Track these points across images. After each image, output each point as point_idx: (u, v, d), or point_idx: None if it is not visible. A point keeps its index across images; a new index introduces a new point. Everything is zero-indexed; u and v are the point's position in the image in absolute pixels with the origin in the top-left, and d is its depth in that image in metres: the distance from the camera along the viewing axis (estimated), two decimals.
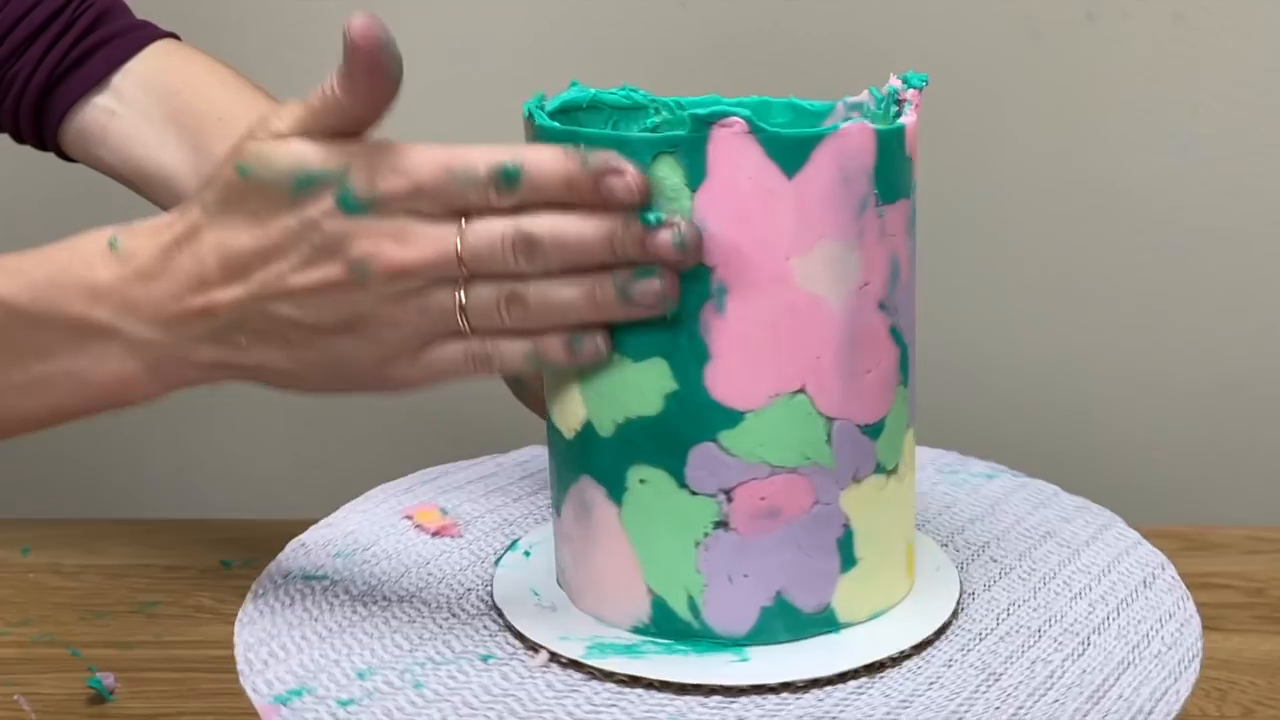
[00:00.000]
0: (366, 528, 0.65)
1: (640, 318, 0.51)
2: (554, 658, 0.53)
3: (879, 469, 0.54)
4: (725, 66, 1.02)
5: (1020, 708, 0.50)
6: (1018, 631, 0.55)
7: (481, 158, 0.51)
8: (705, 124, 0.50)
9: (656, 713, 0.50)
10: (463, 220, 0.51)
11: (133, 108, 0.77)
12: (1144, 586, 0.59)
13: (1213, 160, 1.02)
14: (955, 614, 0.56)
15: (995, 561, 0.61)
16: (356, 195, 0.51)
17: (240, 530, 0.87)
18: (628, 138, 0.51)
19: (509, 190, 0.51)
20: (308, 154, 0.51)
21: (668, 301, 0.51)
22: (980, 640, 0.55)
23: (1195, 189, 1.03)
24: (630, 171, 0.50)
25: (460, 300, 0.52)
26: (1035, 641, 0.54)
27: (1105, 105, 1.02)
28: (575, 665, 0.53)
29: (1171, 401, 1.06)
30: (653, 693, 0.51)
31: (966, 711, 0.50)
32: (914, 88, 0.56)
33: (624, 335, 0.52)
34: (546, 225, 0.51)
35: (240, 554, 0.83)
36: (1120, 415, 1.07)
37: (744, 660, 0.52)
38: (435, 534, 0.64)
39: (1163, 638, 0.55)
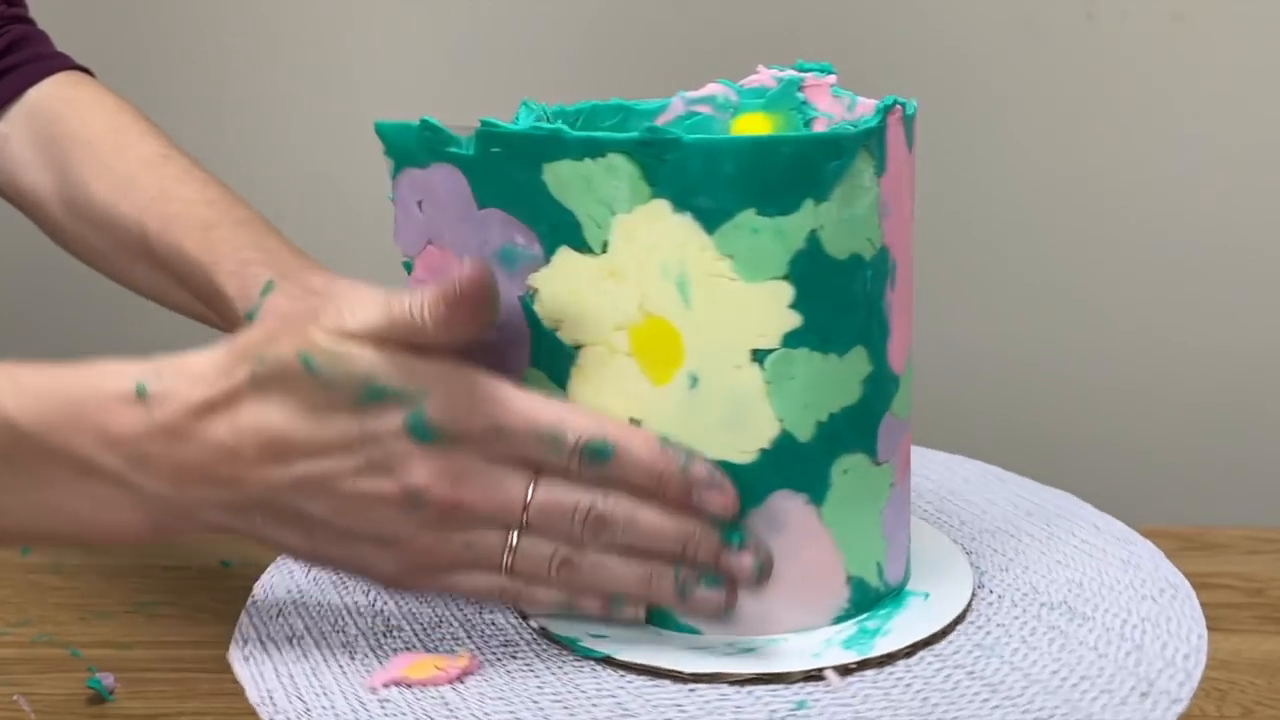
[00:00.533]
0: None
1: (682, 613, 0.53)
2: (838, 669, 0.52)
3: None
4: (725, 66, 1.02)
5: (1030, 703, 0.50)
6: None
7: (573, 427, 0.50)
8: (884, 113, 0.52)
9: (619, 693, 0.51)
10: (535, 473, 0.51)
11: (18, 131, 0.78)
12: (1155, 598, 0.58)
13: (1213, 160, 1.02)
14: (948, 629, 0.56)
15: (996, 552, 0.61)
16: (429, 423, 0.49)
17: None
18: (840, 135, 0.51)
19: (593, 466, 0.50)
20: (384, 368, 0.49)
21: (724, 615, 0.52)
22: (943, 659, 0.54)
23: (1195, 189, 1.03)
24: (729, 488, 0.51)
25: (511, 545, 0.51)
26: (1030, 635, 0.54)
27: (1105, 105, 1.02)
28: (862, 665, 0.52)
29: (1171, 402, 1.06)
30: (619, 674, 0.52)
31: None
32: (826, 73, 0.59)
33: (825, 335, 0.52)
34: (624, 510, 0.51)
35: (240, 554, 0.83)
36: (1120, 415, 1.07)
37: (929, 598, 0.56)
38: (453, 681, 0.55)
39: (1163, 637, 0.55)
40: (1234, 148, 1.02)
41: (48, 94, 0.79)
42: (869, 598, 0.55)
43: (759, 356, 0.51)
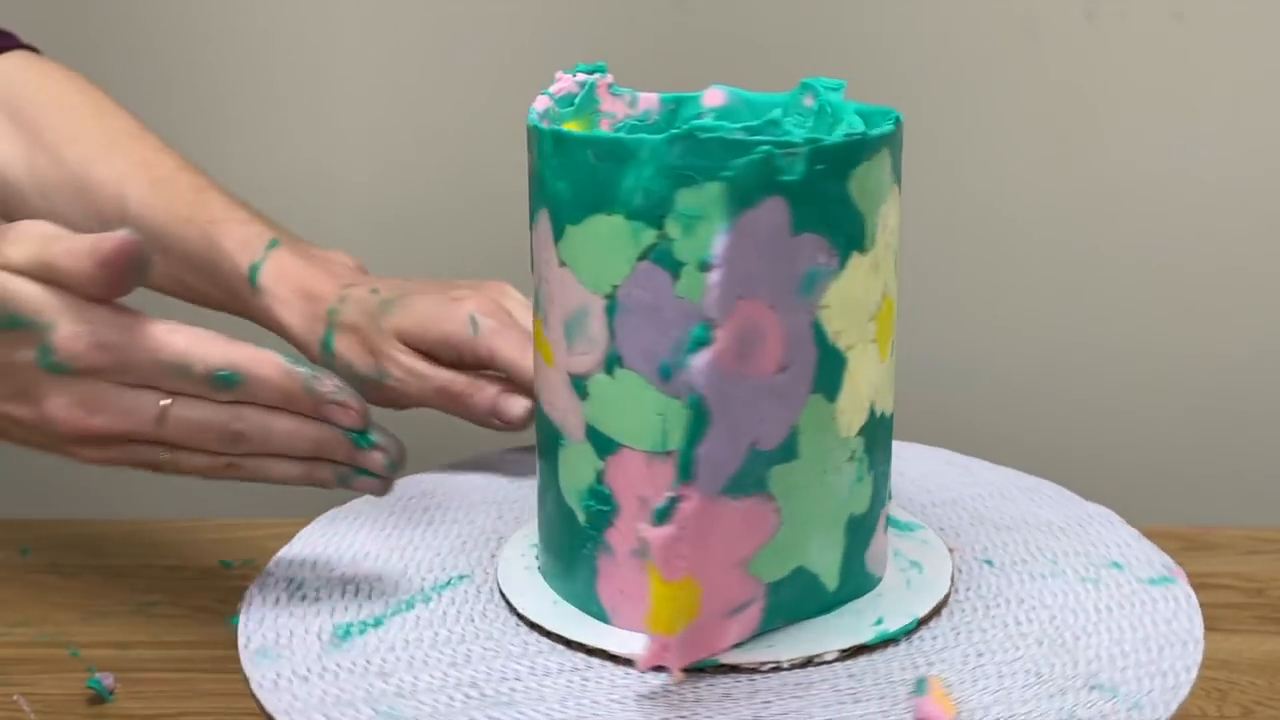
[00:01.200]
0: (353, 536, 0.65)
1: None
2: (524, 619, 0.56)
3: None
4: (724, 67, 1.02)
5: (1027, 702, 0.50)
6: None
7: (199, 356, 0.52)
8: None
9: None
10: (169, 397, 0.52)
11: None
12: (1150, 597, 0.58)
13: (1213, 160, 1.02)
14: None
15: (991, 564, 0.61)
16: (55, 356, 0.51)
17: (240, 530, 0.87)
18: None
19: (223, 391, 0.53)
20: (22, 296, 0.51)
21: (388, 488, 0.56)
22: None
23: (1195, 189, 1.03)
24: (355, 407, 0.54)
25: (169, 461, 0.54)
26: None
27: (1105, 105, 1.02)
28: (539, 630, 0.55)
29: (1172, 401, 1.06)
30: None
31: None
32: (597, 73, 0.58)
33: None
34: (257, 424, 0.53)
35: (240, 554, 0.83)
36: (1120, 415, 1.07)
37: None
38: None
39: (1163, 637, 0.54)
40: (1234, 148, 1.02)
41: (8, 69, 0.80)
42: None
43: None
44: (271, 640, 0.55)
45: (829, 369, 0.51)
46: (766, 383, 0.49)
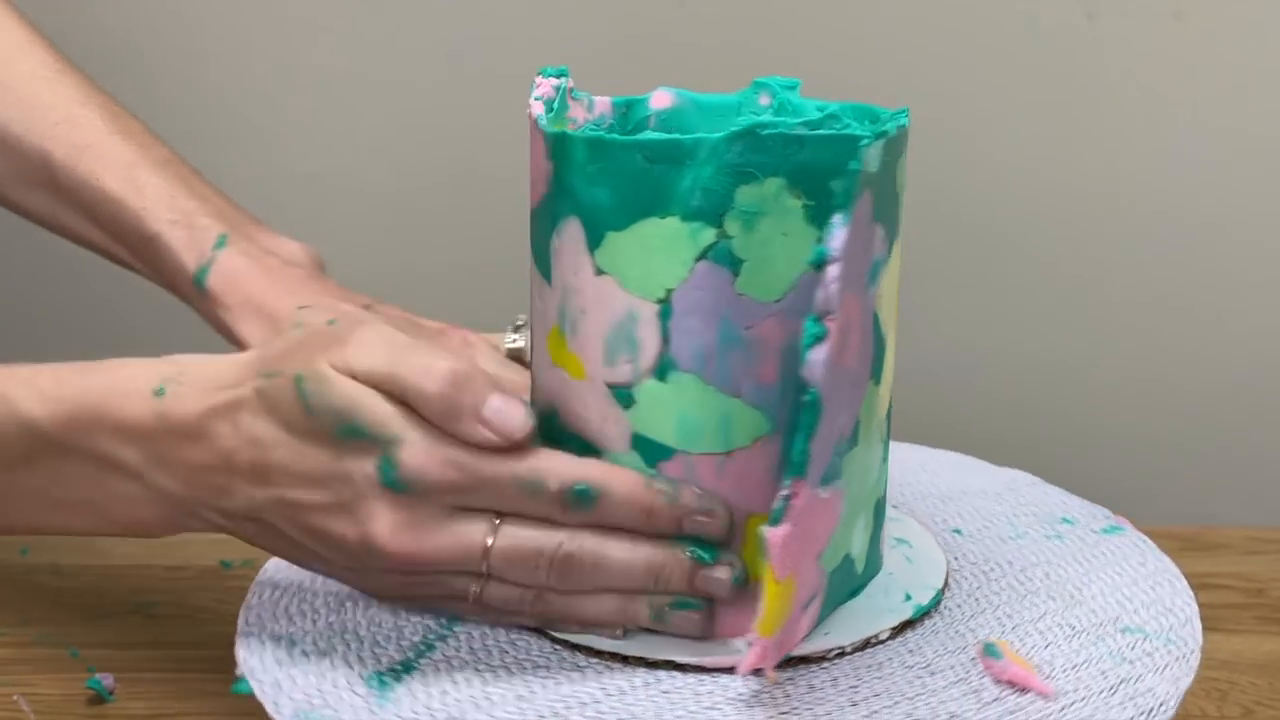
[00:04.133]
0: None
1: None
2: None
3: None
4: (725, 66, 1.02)
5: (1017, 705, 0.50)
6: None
7: (552, 472, 0.49)
8: None
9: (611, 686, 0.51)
10: (498, 519, 0.50)
11: None
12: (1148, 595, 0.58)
13: (1213, 160, 1.02)
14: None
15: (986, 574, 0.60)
16: (400, 473, 0.49)
17: None
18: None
19: (578, 511, 0.49)
20: (365, 407, 0.49)
21: (702, 631, 0.52)
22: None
23: (1195, 189, 1.03)
24: (720, 515, 0.50)
25: (476, 593, 0.51)
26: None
27: (1105, 105, 1.02)
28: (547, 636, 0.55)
29: (1171, 401, 1.06)
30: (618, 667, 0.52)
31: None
32: (559, 76, 0.57)
33: None
34: (591, 548, 0.50)
35: (240, 554, 0.83)
36: (1120, 415, 1.07)
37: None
38: None
39: (1162, 638, 0.55)
40: (1235, 147, 1.02)
41: None
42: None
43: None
44: (305, 701, 0.51)
45: (879, 355, 0.52)
46: (851, 373, 0.49)
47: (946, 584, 0.57)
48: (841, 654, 0.52)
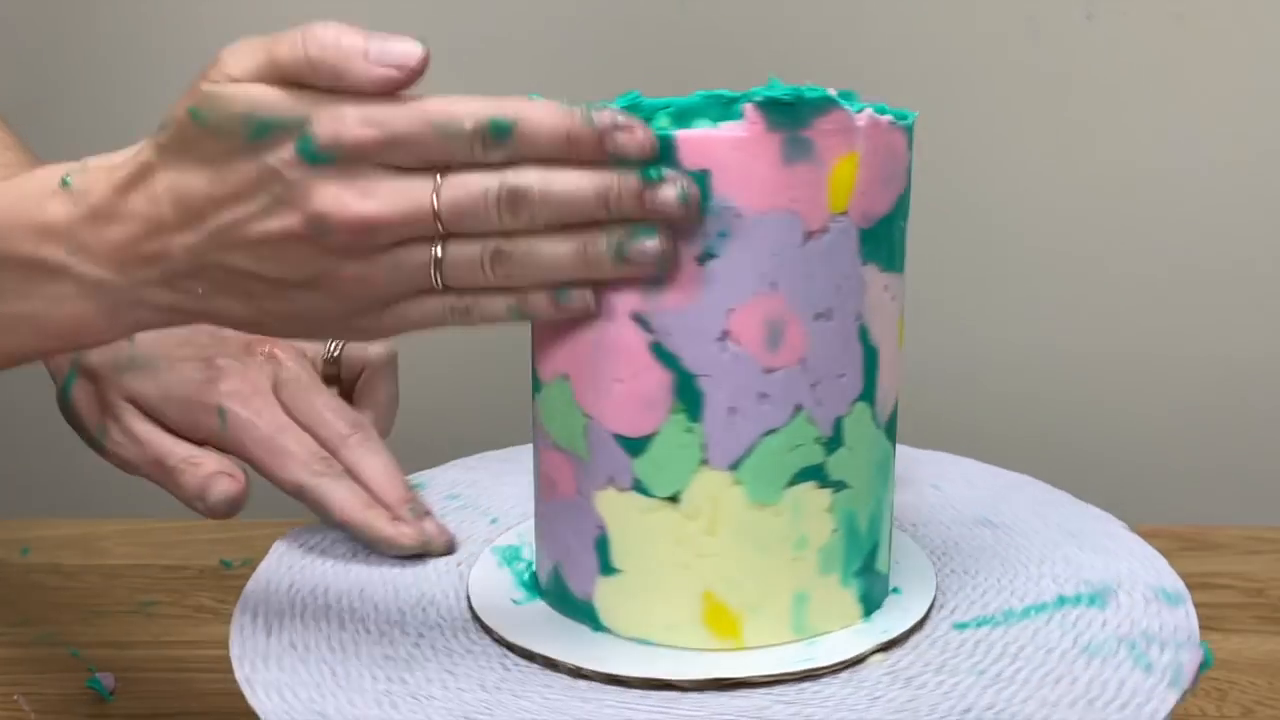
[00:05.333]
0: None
1: (634, 277, 0.50)
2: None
3: (640, 488, 0.52)
4: (724, 67, 1.02)
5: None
6: None
7: (468, 111, 0.49)
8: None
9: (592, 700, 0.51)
10: (439, 174, 0.49)
11: None
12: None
13: (1213, 160, 1.02)
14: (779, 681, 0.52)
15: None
16: (319, 144, 0.48)
17: (240, 530, 0.87)
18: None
19: (498, 145, 0.48)
20: (266, 99, 0.48)
21: (666, 261, 0.49)
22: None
23: (1195, 189, 1.03)
24: (640, 127, 0.48)
25: (436, 256, 0.49)
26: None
27: (1105, 105, 1.02)
28: (529, 656, 0.54)
29: (1171, 401, 1.06)
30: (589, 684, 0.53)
31: None
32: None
33: None
34: (535, 179, 0.48)
35: (240, 554, 0.83)
36: (1120, 415, 1.07)
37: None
38: None
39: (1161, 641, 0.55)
40: (1234, 148, 1.02)
41: None
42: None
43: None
44: (305, 701, 0.51)
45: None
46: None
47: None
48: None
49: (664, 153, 0.49)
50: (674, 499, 0.51)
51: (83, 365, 0.65)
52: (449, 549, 0.62)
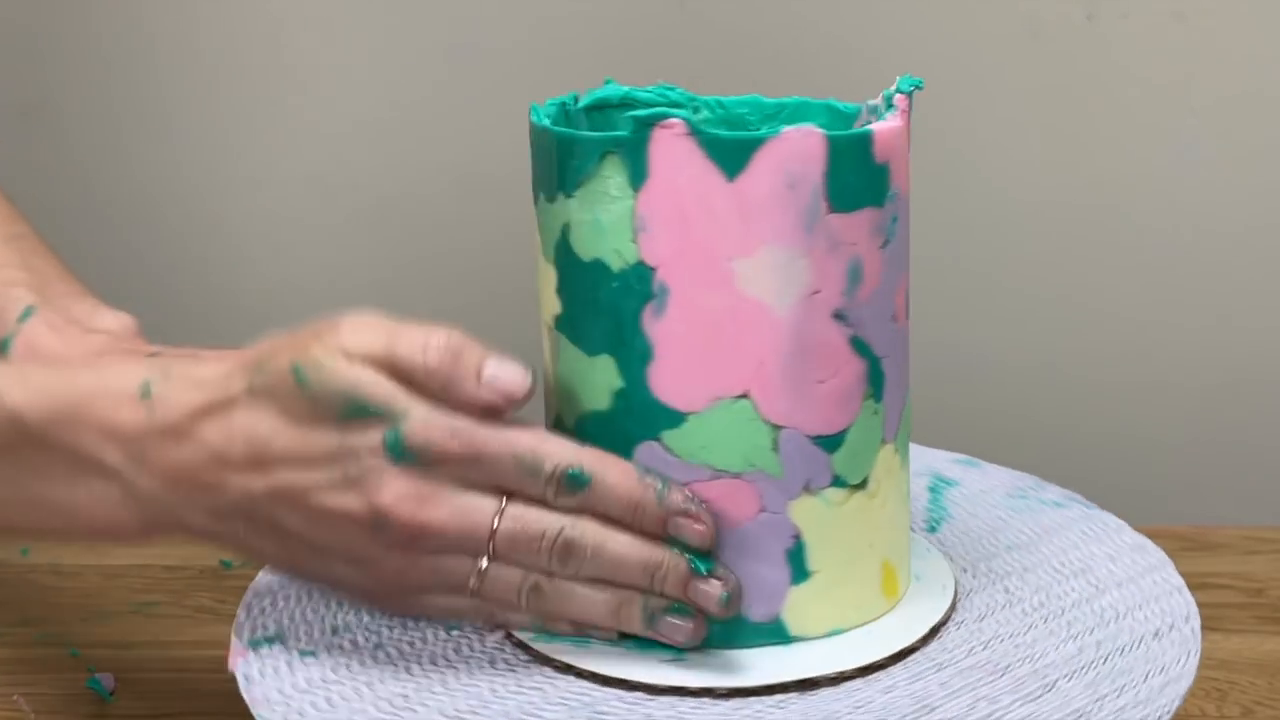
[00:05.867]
0: None
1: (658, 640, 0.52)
2: (509, 636, 0.54)
3: (838, 482, 0.53)
4: (724, 67, 1.02)
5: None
6: (981, 667, 0.53)
7: (550, 454, 0.50)
8: (646, 125, 0.50)
9: (571, 700, 0.51)
10: (504, 499, 0.50)
11: None
12: (1155, 635, 0.57)
13: (1213, 160, 1.02)
14: (927, 640, 0.55)
15: (1008, 593, 0.59)
16: (405, 443, 0.49)
17: None
18: (576, 136, 0.51)
19: (570, 494, 0.50)
20: (373, 386, 0.49)
21: (694, 641, 0.52)
22: (939, 670, 0.53)
23: (1195, 189, 1.03)
24: (705, 519, 0.50)
25: (480, 569, 0.51)
26: (996, 679, 0.52)
27: (1105, 105, 1.02)
28: (523, 646, 0.54)
29: (1171, 401, 1.06)
30: (581, 682, 0.52)
31: None
32: (903, 91, 0.55)
33: (576, 330, 0.53)
34: (593, 536, 0.50)
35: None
36: (1120, 415, 1.07)
37: (678, 660, 0.52)
38: None
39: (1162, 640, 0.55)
40: (1235, 148, 1.02)
41: None
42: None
43: (552, 327, 0.54)
44: (304, 701, 0.51)
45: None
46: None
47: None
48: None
49: (860, 147, 0.51)
50: (863, 484, 0.54)
51: None
52: None
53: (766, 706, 0.50)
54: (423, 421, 0.49)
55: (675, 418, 0.51)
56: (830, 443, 0.52)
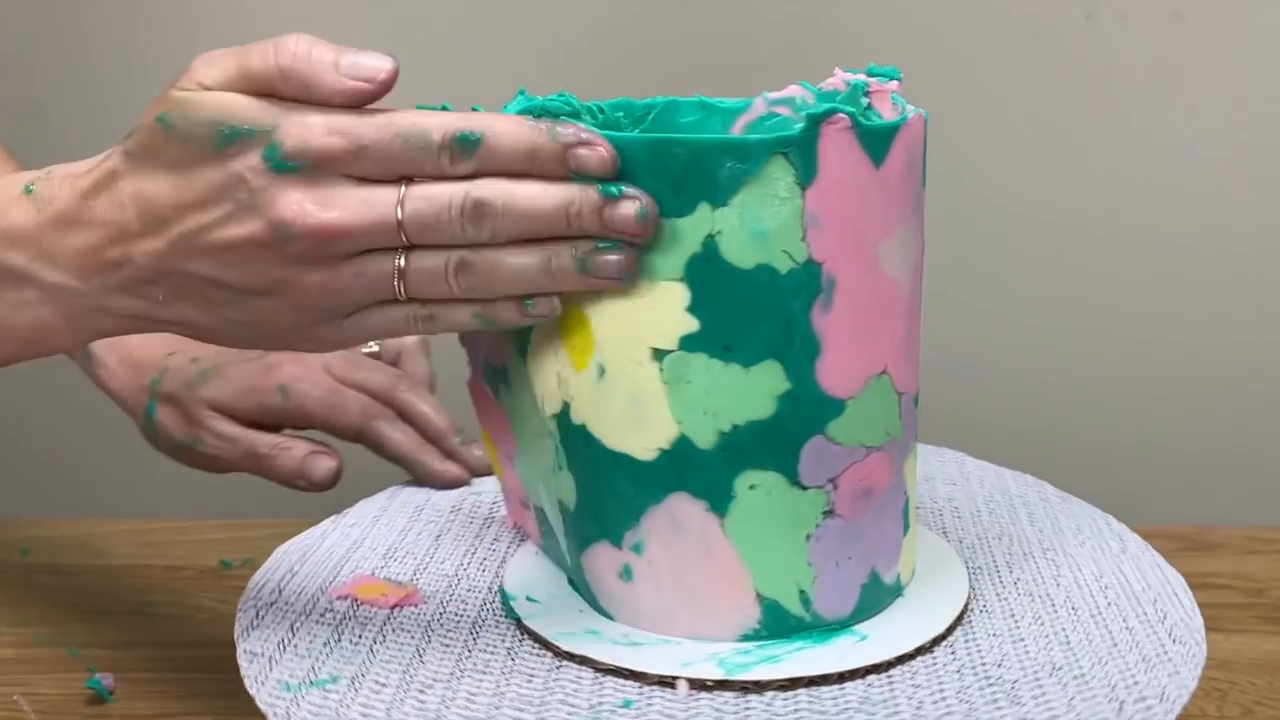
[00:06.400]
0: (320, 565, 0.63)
1: (593, 288, 0.51)
2: (693, 684, 0.51)
3: (918, 438, 0.57)
4: (724, 67, 1.02)
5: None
6: (981, 667, 0.53)
7: (436, 123, 0.49)
8: (816, 122, 0.50)
9: (829, 704, 0.50)
10: (404, 186, 0.49)
11: None
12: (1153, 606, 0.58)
13: (1213, 160, 1.02)
14: (936, 640, 0.55)
15: (1007, 593, 0.59)
16: (285, 152, 0.48)
17: (240, 530, 0.87)
18: (742, 141, 0.50)
19: (464, 158, 0.49)
20: (235, 106, 0.49)
21: (627, 275, 0.50)
22: (939, 670, 0.53)
23: (1195, 189, 1.03)
24: (602, 143, 0.49)
25: (399, 266, 0.50)
26: (996, 679, 0.52)
27: (1105, 105, 1.02)
28: (722, 685, 0.51)
29: (1171, 401, 1.06)
30: (786, 694, 0.51)
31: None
32: (891, 79, 0.56)
33: (729, 342, 0.51)
34: (498, 191, 0.49)
35: (240, 554, 0.83)
36: (1120, 415, 1.07)
37: (865, 639, 0.54)
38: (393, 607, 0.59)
39: (1163, 638, 0.55)
40: (1234, 148, 1.02)
41: None
42: (787, 624, 0.54)
43: (658, 356, 0.51)
44: (303, 702, 0.51)
45: (521, 334, 0.58)
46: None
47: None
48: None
49: (925, 129, 0.53)
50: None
51: (160, 392, 0.74)
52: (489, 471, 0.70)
53: (764, 702, 0.51)
54: (297, 126, 0.48)
55: (838, 407, 0.52)
56: (917, 401, 0.56)
